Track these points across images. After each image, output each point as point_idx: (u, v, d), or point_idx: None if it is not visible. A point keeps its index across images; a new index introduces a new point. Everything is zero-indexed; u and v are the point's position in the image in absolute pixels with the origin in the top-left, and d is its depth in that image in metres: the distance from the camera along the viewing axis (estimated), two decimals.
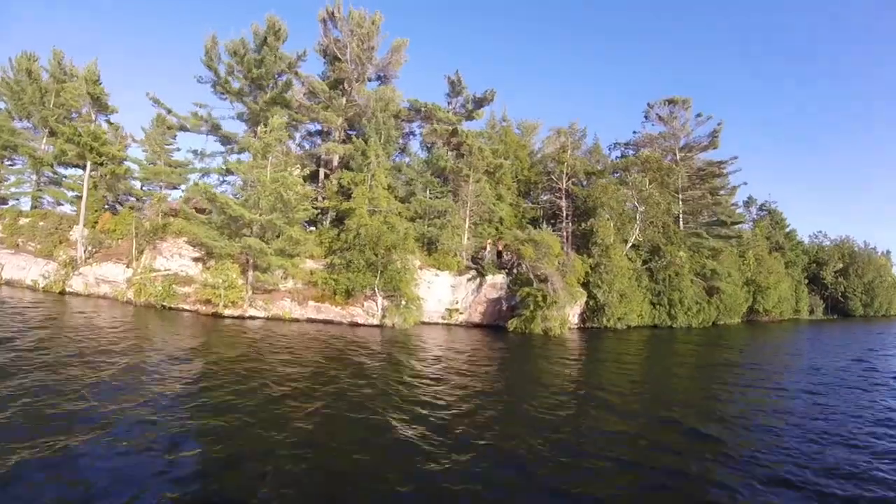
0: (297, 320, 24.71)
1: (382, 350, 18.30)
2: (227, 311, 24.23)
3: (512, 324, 26.06)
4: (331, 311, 25.44)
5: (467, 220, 30.14)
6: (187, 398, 10.21)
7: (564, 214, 35.85)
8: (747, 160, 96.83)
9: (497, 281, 28.56)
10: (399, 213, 27.49)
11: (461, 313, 28.54)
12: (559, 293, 24.39)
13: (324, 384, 12.14)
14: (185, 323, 21.50)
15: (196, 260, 27.76)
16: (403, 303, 25.14)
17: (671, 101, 47.76)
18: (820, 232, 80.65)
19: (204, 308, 24.72)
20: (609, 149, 47.98)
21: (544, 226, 30.64)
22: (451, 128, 31.11)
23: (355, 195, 26.46)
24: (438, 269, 28.30)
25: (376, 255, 24.74)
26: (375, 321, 25.38)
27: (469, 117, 34.83)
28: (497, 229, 32.08)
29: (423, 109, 32.33)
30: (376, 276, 25.03)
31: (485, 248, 30.19)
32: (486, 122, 39.27)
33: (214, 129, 33.79)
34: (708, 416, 11.67)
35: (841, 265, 65.29)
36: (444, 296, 28.32)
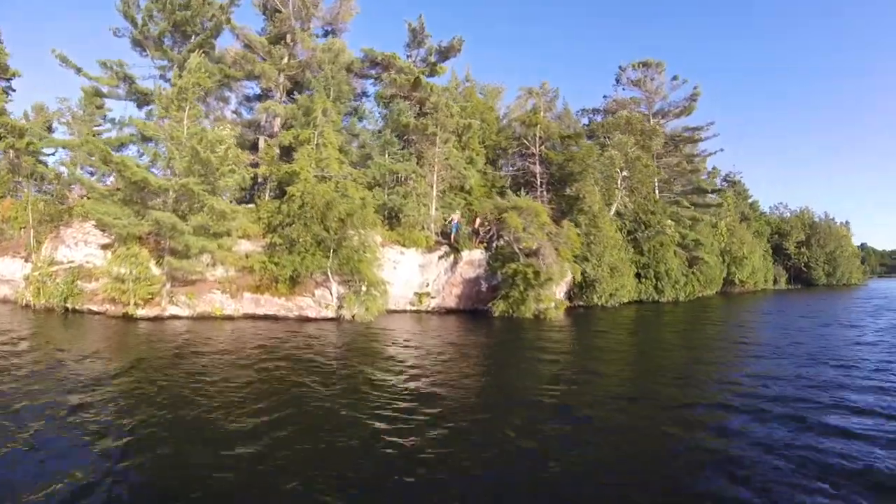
0: (230, 318, 19.60)
1: (339, 357, 13.72)
2: (140, 312, 18.87)
3: (497, 307, 21.91)
4: (273, 304, 20.42)
5: (435, 187, 25.63)
6: None
7: (539, 182, 32.19)
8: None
9: (475, 257, 24.28)
10: (354, 178, 22.66)
11: (433, 298, 24.17)
12: (553, 268, 20.37)
13: (263, 424, 7.61)
14: (83, 330, 16.39)
15: (105, 247, 22.15)
16: (364, 288, 20.43)
17: (645, 64, 45.08)
18: (781, 203, 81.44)
19: (113, 308, 19.41)
20: (577, 115, 44.65)
21: (522, 193, 26.62)
22: (411, 79, 26.28)
23: (298, 156, 21.25)
24: (404, 245, 23.67)
25: (327, 231, 19.83)
26: (330, 313, 20.55)
27: (432, 72, 30.00)
28: (465, 199, 27.81)
29: (380, 59, 27.34)
30: (328, 257, 20.20)
31: (451, 220, 25.69)
32: (447, 81, 34.77)
33: (129, 85, 27.95)
34: None
35: (803, 236, 65.75)
36: (412, 278, 23.81)
